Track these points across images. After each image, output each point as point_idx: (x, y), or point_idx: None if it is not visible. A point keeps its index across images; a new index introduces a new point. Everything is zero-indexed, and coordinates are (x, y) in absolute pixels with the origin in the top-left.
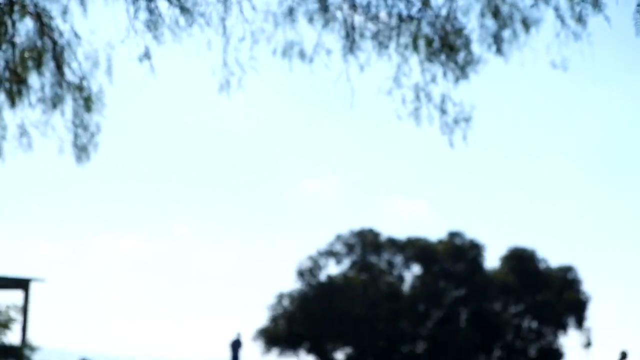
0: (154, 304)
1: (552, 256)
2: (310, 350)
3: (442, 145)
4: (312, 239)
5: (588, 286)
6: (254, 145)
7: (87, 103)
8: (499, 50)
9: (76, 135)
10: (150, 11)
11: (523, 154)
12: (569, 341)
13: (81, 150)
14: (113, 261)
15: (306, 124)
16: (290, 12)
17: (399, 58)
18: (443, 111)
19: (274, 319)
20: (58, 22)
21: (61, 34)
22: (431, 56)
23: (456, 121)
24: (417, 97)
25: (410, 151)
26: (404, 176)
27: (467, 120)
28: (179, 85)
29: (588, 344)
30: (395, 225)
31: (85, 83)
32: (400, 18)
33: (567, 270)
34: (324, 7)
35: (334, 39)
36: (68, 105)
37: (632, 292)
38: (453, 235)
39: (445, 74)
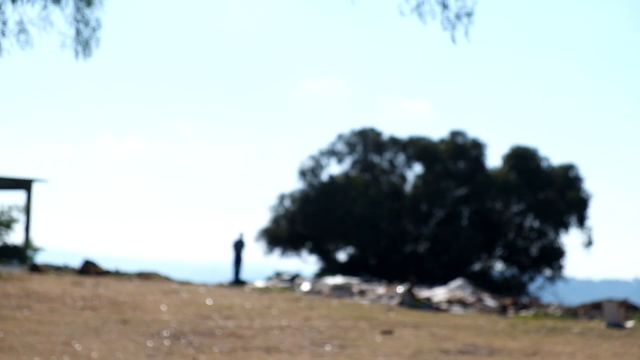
0: (156, 205)
1: (553, 154)
2: (312, 250)
3: (446, 45)
4: (315, 138)
5: (590, 184)
6: (257, 45)
7: None
8: None
9: (78, 30)
10: None
11: (525, 53)
12: (570, 240)
13: (83, 46)
14: (116, 162)
15: (308, 24)
16: None
17: None
18: (445, 6)
19: (276, 220)
20: None
21: None
22: None
23: (458, 16)
24: None
25: (414, 51)
26: (407, 76)
27: (469, 15)
28: None
29: (589, 243)
30: (398, 125)
31: None
32: None
33: (568, 168)
34: None
35: None
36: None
37: (632, 191)
38: (455, 134)
39: None
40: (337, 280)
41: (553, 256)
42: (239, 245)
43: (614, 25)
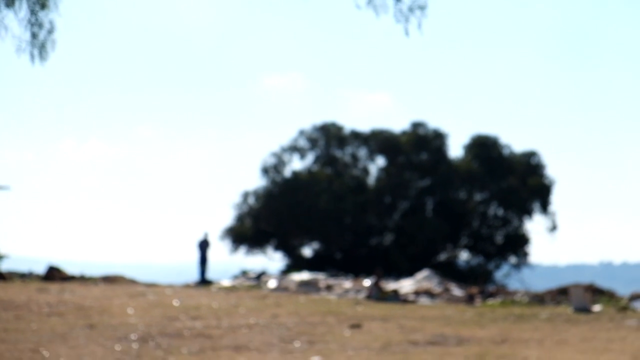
0: (120, 208)
1: (515, 142)
2: (277, 247)
3: (404, 37)
4: (277, 135)
5: (552, 170)
6: (215, 44)
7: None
8: None
9: (33, 34)
10: None
11: (482, 42)
12: (534, 226)
13: (39, 49)
14: (77, 166)
15: (265, 21)
16: None
17: None
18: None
19: (240, 217)
20: None
21: None
22: None
23: (411, 9)
24: None
25: (372, 44)
26: (367, 69)
27: (422, 8)
28: None
29: (553, 228)
30: (360, 118)
31: None
32: None
33: (530, 155)
34: None
35: None
36: (22, 3)
37: (594, 175)
38: (416, 125)
39: None
40: (304, 276)
41: (518, 243)
42: (204, 245)
43: (570, 11)
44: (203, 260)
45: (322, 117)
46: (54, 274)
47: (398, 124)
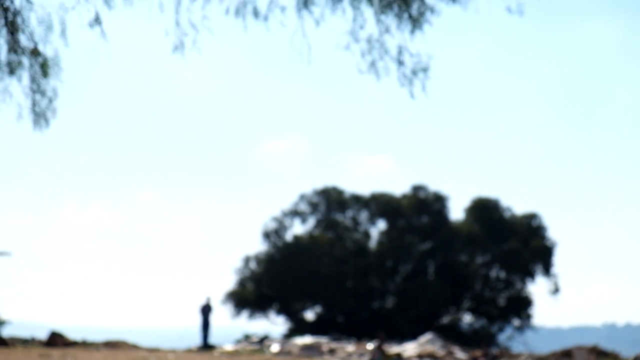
0: (122, 273)
1: (516, 204)
2: (279, 311)
3: (405, 100)
4: (278, 199)
5: (553, 232)
6: (215, 110)
7: (44, 68)
8: None
9: (34, 101)
10: None
11: (483, 105)
12: (537, 288)
13: (40, 116)
14: (79, 232)
15: (265, 85)
16: None
17: (353, 11)
18: (400, 62)
19: (242, 282)
20: None
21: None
22: (385, 8)
23: (414, 72)
24: (373, 50)
25: (373, 107)
26: (368, 133)
27: (424, 70)
28: (135, 50)
29: (556, 290)
30: (361, 182)
31: (40, 48)
32: None
33: (531, 217)
34: None
35: None
36: (24, 71)
37: (596, 237)
38: (417, 188)
39: (399, 26)
40: (306, 340)
41: (521, 305)
42: (206, 310)
43: (572, 73)
44: (205, 325)
45: (323, 180)
46: (56, 340)
47: (399, 187)
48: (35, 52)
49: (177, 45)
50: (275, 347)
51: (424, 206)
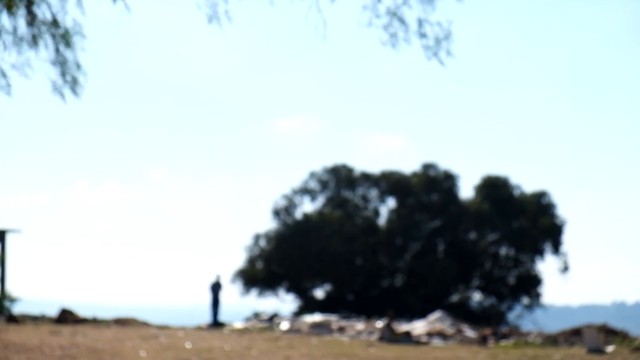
0: (132, 251)
1: (525, 182)
2: (289, 289)
3: (417, 79)
4: (290, 177)
5: (563, 210)
6: (228, 87)
7: (66, 38)
8: None
9: (63, 71)
10: None
11: (493, 84)
12: (546, 266)
13: (72, 85)
14: (91, 209)
15: (279, 63)
16: None
17: None
18: (422, 35)
19: (252, 260)
20: None
21: None
22: None
23: (437, 40)
24: (393, 23)
25: (385, 86)
26: (380, 111)
27: (447, 37)
28: (151, 27)
29: (565, 269)
30: (373, 160)
31: (59, 19)
32: None
33: (541, 195)
34: None
35: None
36: (46, 43)
37: (606, 214)
38: (427, 167)
39: None
40: (316, 318)
41: (530, 284)
42: (216, 287)
43: (582, 53)
44: (215, 303)
45: (335, 158)
46: (66, 317)
47: (410, 166)
48: (54, 23)
49: (211, 15)
50: (284, 325)
51: (433, 184)
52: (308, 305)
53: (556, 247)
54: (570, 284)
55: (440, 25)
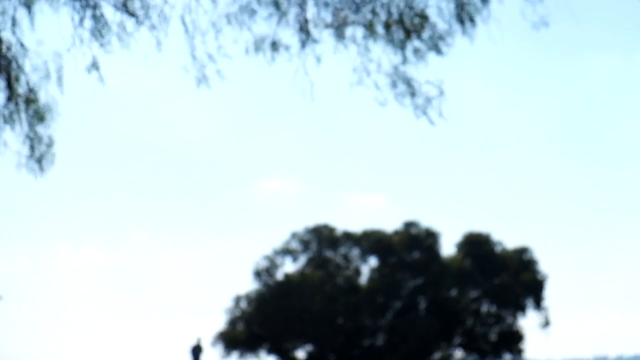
0: (114, 314)
1: (507, 238)
2: (270, 351)
3: (400, 138)
4: (272, 239)
5: (544, 266)
6: (210, 150)
7: (39, 115)
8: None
9: (32, 148)
10: (96, 19)
11: (475, 140)
12: (528, 322)
13: (38, 163)
14: (73, 273)
15: (264, 125)
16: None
17: (358, 46)
18: (412, 94)
19: (233, 322)
20: (4, 34)
21: (8, 47)
22: (391, 41)
23: (428, 99)
24: (390, 80)
25: (368, 144)
26: (362, 171)
27: (439, 95)
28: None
29: (547, 323)
30: (356, 220)
31: (35, 95)
32: (356, 5)
33: (522, 251)
34: (276, 3)
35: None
36: (21, 119)
37: (587, 269)
38: (409, 225)
39: (408, 57)
40: None
41: (512, 340)
42: (196, 351)
43: (564, 107)
44: None
45: (318, 219)
46: None
47: (392, 224)
48: (30, 100)
49: (200, 78)
50: None
51: (415, 242)
52: None
53: (538, 303)
54: (552, 339)
55: (432, 83)
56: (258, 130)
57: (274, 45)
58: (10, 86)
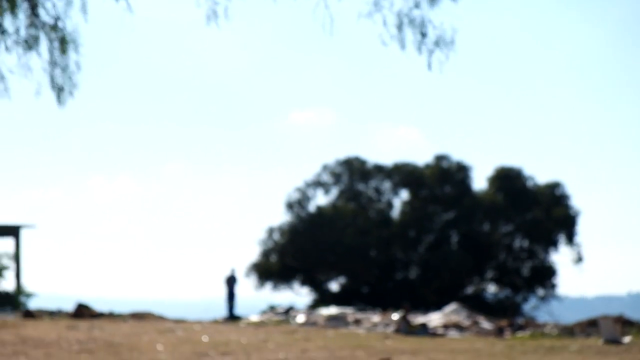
0: (147, 245)
1: (538, 173)
2: (303, 282)
3: (432, 71)
4: (304, 171)
5: (576, 201)
6: (243, 81)
7: (62, 44)
8: None
9: (53, 76)
10: None
11: (507, 75)
12: (560, 257)
13: (60, 91)
14: (105, 204)
15: (293, 57)
16: None
17: None
18: (423, 34)
19: (266, 253)
20: None
21: None
22: None
23: (437, 44)
24: (399, 21)
25: (400, 78)
26: (395, 103)
27: (448, 43)
28: (160, 21)
29: (579, 259)
30: (388, 153)
31: (60, 23)
32: None
33: (554, 186)
34: None
35: None
36: (44, 46)
37: (620, 205)
38: (440, 158)
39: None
40: (332, 310)
41: (545, 275)
42: (231, 281)
43: (597, 43)
44: (231, 296)
45: (350, 151)
46: (82, 312)
47: (424, 157)
48: (54, 27)
49: (209, 15)
50: (300, 318)
51: (447, 176)
52: (323, 298)
53: (570, 238)
54: (585, 275)
55: (442, 30)
56: (288, 63)
57: None
58: (34, 13)
